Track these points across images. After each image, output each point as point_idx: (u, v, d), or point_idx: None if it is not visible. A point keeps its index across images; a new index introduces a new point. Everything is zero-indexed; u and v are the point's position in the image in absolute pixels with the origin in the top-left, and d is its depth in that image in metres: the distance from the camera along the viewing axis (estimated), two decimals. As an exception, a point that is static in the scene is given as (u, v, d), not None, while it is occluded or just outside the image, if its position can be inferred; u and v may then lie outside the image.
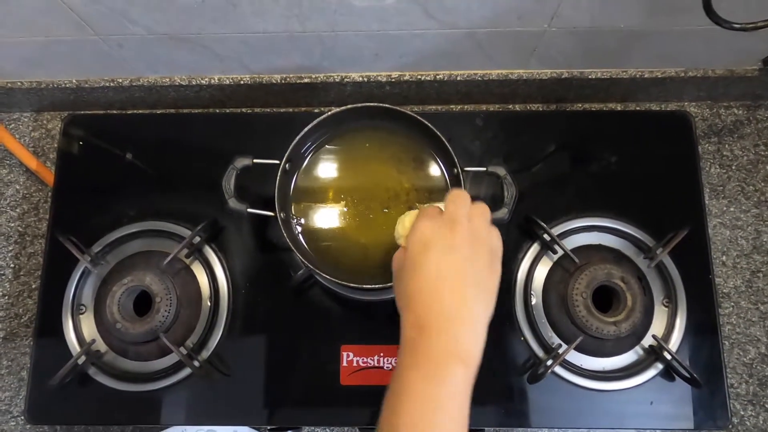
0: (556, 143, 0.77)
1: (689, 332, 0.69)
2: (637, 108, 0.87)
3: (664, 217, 0.72)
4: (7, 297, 0.82)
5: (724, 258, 0.81)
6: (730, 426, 0.73)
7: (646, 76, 0.80)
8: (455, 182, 0.64)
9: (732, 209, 0.83)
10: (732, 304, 0.80)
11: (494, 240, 0.47)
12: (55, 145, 0.86)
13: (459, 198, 0.47)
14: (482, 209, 0.48)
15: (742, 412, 0.76)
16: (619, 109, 0.87)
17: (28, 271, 0.83)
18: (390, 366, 0.68)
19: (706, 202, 0.82)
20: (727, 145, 0.86)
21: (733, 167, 0.85)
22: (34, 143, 0.89)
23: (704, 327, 0.70)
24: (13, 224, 0.85)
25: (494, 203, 0.57)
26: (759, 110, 0.87)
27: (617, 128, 0.78)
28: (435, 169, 0.66)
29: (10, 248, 0.84)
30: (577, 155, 0.77)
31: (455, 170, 0.63)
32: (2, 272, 0.83)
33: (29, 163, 0.85)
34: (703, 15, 0.57)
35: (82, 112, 0.87)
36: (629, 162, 0.76)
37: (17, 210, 0.86)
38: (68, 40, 0.73)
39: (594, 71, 0.80)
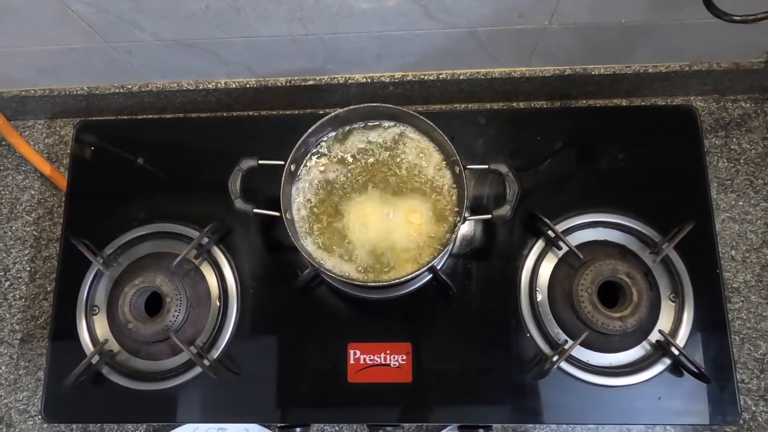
0: (561, 140, 0.77)
1: (697, 327, 0.69)
2: (642, 103, 0.87)
3: (670, 212, 0.72)
4: (24, 299, 0.84)
5: (733, 252, 0.81)
6: (741, 421, 0.73)
7: (650, 70, 0.80)
8: (458, 180, 0.65)
9: (741, 203, 0.82)
10: (742, 298, 0.79)
11: None
12: (68, 151, 0.88)
13: None
14: None
15: (754, 408, 0.75)
16: (623, 104, 0.87)
17: (44, 273, 0.85)
18: (396, 363, 0.69)
19: (714, 196, 0.82)
20: (734, 139, 0.85)
21: (741, 161, 0.84)
22: (48, 149, 0.91)
23: (712, 322, 0.69)
24: (28, 228, 0.87)
25: (497, 200, 0.57)
26: (766, 103, 0.86)
27: (622, 123, 0.78)
28: (438, 167, 0.67)
29: (26, 252, 0.86)
30: (581, 151, 0.77)
31: (458, 168, 0.63)
32: (19, 275, 0.86)
33: (43, 169, 0.87)
34: (704, 8, 0.57)
35: (94, 119, 0.90)
36: (634, 157, 0.76)
37: (32, 215, 0.88)
38: (79, 49, 0.75)
39: (597, 67, 0.80)
